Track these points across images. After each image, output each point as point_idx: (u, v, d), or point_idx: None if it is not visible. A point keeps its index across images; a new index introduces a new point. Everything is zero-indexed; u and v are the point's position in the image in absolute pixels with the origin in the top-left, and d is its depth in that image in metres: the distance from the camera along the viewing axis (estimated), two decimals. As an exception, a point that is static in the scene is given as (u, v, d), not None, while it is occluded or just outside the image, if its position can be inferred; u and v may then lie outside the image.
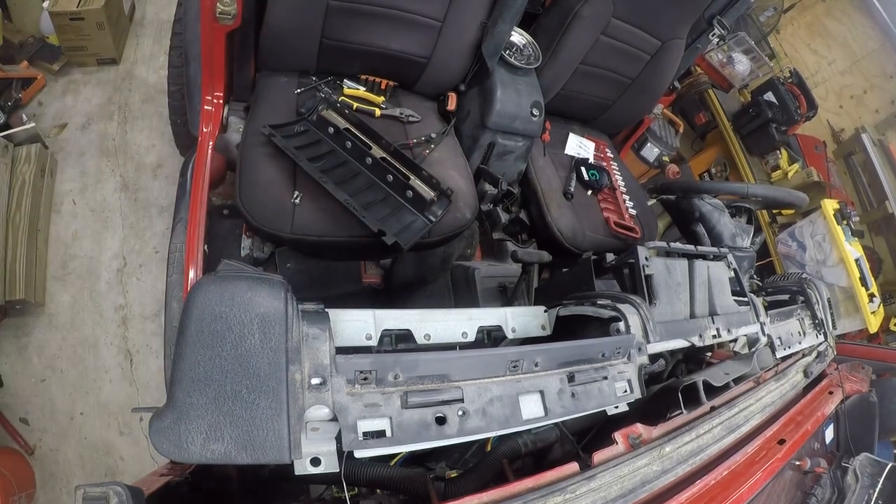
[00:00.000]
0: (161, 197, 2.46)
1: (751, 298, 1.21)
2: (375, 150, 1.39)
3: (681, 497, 0.74)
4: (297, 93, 1.57)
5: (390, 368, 0.63)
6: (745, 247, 1.62)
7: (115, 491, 0.55)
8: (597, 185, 1.97)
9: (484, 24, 1.63)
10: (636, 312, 0.91)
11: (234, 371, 0.55)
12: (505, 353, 0.72)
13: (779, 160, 3.28)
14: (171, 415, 0.53)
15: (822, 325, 1.41)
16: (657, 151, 3.07)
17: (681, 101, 3.58)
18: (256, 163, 1.35)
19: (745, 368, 1.02)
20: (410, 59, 1.65)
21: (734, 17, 2.07)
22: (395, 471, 0.79)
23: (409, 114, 1.67)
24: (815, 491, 1.10)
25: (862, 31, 3.87)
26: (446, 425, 0.63)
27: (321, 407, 0.57)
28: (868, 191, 3.59)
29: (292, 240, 1.30)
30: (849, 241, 2.75)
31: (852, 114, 3.93)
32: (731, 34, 3.55)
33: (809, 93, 3.37)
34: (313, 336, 0.60)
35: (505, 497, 0.62)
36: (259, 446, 0.53)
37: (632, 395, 0.85)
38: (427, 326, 0.82)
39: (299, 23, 1.48)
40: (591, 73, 1.97)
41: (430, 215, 1.35)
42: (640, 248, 1.02)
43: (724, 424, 0.94)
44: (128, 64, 2.74)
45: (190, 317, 0.56)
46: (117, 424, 2.13)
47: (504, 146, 1.74)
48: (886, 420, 1.42)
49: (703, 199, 1.64)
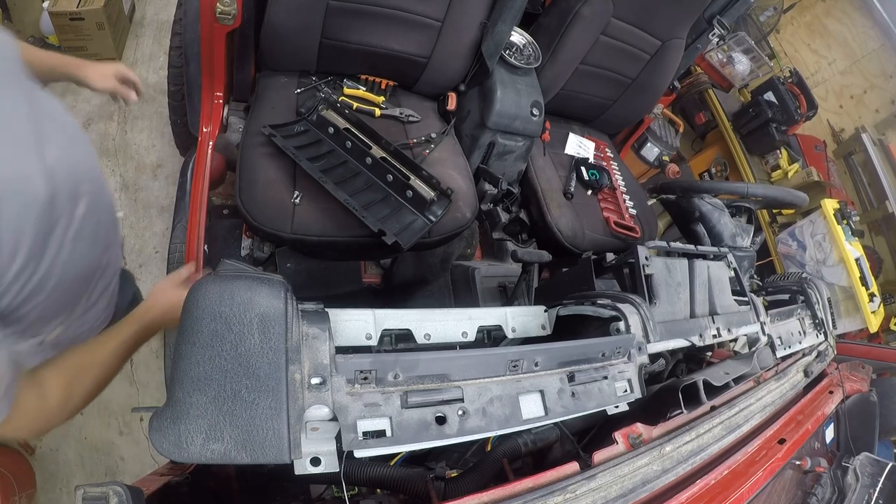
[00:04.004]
0: (161, 197, 2.46)
1: (751, 298, 1.21)
2: (375, 149, 1.39)
3: (681, 497, 0.74)
4: (297, 93, 1.57)
5: (390, 368, 0.63)
6: (746, 246, 1.62)
7: (115, 491, 0.55)
8: (597, 184, 1.97)
9: (484, 24, 1.63)
10: (636, 312, 0.91)
11: (233, 371, 0.55)
12: (505, 353, 0.72)
13: (779, 160, 3.28)
14: (171, 414, 0.53)
15: (822, 325, 1.41)
16: (657, 151, 3.07)
17: (681, 100, 3.58)
18: (256, 163, 1.35)
19: (746, 368, 1.02)
20: (410, 59, 1.65)
21: (734, 17, 2.07)
22: (395, 470, 0.79)
23: (409, 114, 1.67)
24: (815, 490, 1.10)
25: (862, 31, 3.87)
26: (446, 425, 0.63)
27: (321, 407, 0.57)
28: (868, 190, 3.59)
29: (292, 240, 1.30)
30: (849, 240, 2.75)
31: (852, 114, 3.93)
32: (731, 34, 3.55)
33: (809, 92, 3.37)
34: (313, 336, 0.60)
35: (505, 497, 0.62)
36: (259, 446, 0.53)
37: (632, 394, 0.84)
38: (427, 326, 0.82)
39: (299, 23, 1.48)
40: (591, 72, 1.97)
41: (430, 215, 1.35)
42: (640, 248, 1.02)
43: (725, 424, 0.94)
44: (128, 64, 2.73)
45: (190, 316, 0.56)
46: (117, 424, 2.13)
47: (504, 146, 1.74)
48: (886, 420, 1.42)
49: (703, 198, 1.64)
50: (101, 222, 0.85)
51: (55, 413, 0.76)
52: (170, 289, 1.00)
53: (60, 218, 0.70)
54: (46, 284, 0.70)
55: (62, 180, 0.70)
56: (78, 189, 0.75)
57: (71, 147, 0.78)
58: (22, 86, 0.73)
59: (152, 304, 0.96)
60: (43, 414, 0.75)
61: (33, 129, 0.68)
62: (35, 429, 0.77)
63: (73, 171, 0.74)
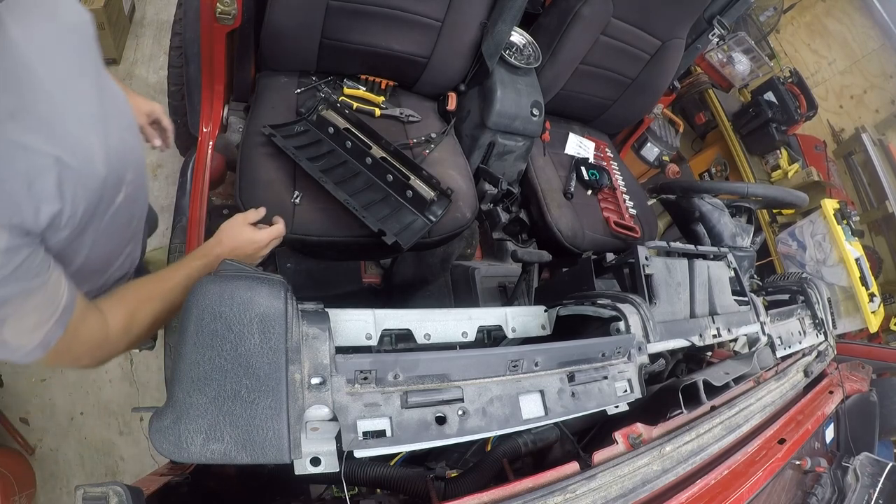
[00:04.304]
0: (161, 197, 2.46)
1: (751, 298, 1.21)
2: (375, 149, 1.39)
3: (681, 497, 0.74)
4: (297, 93, 1.57)
5: (390, 368, 0.63)
6: (746, 246, 1.62)
7: (115, 491, 0.55)
8: (597, 184, 1.97)
9: (484, 24, 1.63)
10: (636, 312, 0.91)
11: (233, 371, 0.55)
12: (505, 353, 0.72)
13: (779, 160, 3.28)
14: (171, 414, 0.53)
15: (822, 325, 1.41)
16: (657, 151, 3.07)
17: (681, 100, 3.58)
18: (256, 163, 1.35)
19: (746, 368, 1.02)
20: (410, 59, 1.65)
21: (734, 17, 2.07)
22: (395, 470, 0.79)
23: (409, 114, 1.67)
24: (815, 490, 1.10)
25: (862, 31, 3.87)
26: (446, 425, 0.63)
27: (321, 407, 0.57)
28: (868, 190, 3.59)
29: (292, 240, 1.30)
30: (849, 240, 2.75)
31: (852, 114, 3.93)
32: (731, 34, 3.55)
33: (809, 92, 3.37)
34: (313, 336, 0.60)
35: (505, 497, 0.62)
36: (259, 446, 0.53)
37: (632, 394, 0.85)
38: (427, 326, 0.82)
39: (299, 23, 1.48)
40: (591, 72, 1.97)
41: (430, 215, 1.35)
42: (641, 248, 1.02)
43: (725, 424, 0.94)
44: (128, 64, 2.74)
45: (190, 316, 0.56)
46: (117, 424, 2.13)
47: (504, 146, 1.74)
48: (886, 420, 1.42)
49: (703, 198, 1.64)
50: (133, 215, 0.86)
51: (116, 341, 0.77)
52: (239, 226, 1.02)
53: (102, 202, 0.72)
54: (73, 260, 0.72)
55: (114, 165, 0.72)
56: (123, 177, 0.76)
57: (125, 134, 0.80)
58: (96, 67, 0.75)
59: (222, 238, 0.98)
60: (104, 342, 0.75)
61: (101, 112, 0.71)
62: (95, 356, 0.77)
63: (122, 159, 0.75)
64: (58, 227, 0.63)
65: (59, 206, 0.61)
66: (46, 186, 0.59)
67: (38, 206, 0.58)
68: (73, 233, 0.66)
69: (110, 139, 0.71)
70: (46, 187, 0.59)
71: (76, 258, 0.72)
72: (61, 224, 0.63)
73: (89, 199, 0.67)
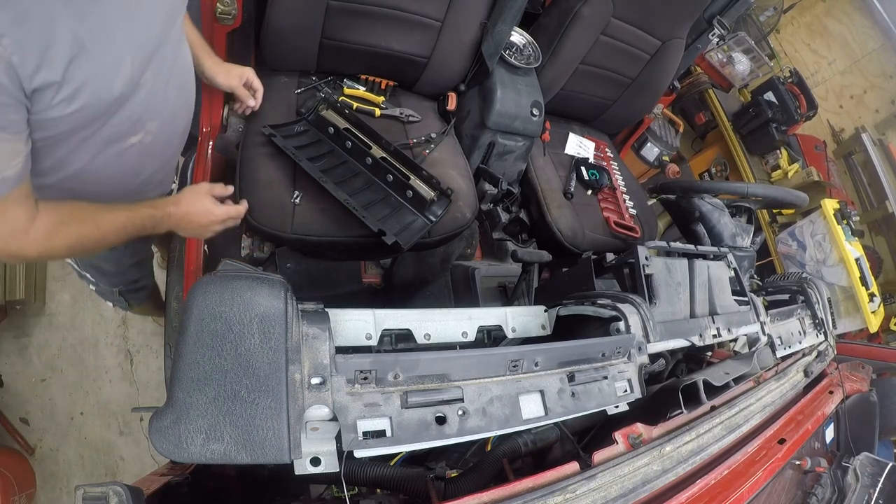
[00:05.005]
0: (161, 197, 2.46)
1: (751, 298, 1.21)
2: (375, 149, 1.39)
3: (681, 497, 0.74)
4: (297, 93, 1.57)
5: (390, 368, 0.63)
6: (745, 246, 1.62)
7: (115, 491, 0.55)
8: (597, 184, 1.97)
9: (484, 24, 1.63)
10: (636, 312, 0.91)
11: (233, 371, 0.55)
12: (505, 353, 0.72)
13: (779, 160, 3.28)
14: (171, 415, 0.53)
15: (822, 325, 1.41)
16: (657, 151, 3.07)
17: (681, 100, 3.58)
18: (256, 163, 1.35)
19: (746, 368, 1.02)
20: (410, 59, 1.65)
21: (734, 17, 2.07)
22: (395, 470, 0.79)
23: (409, 114, 1.67)
24: (815, 490, 1.10)
25: (862, 31, 3.87)
26: (446, 425, 0.63)
27: (321, 407, 0.57)
28: (868, 190, 3.59)
29: (292, 240, 1.30)
30: (849, 240, 2.75)
31: (852, 114, 3.93)
32: (731, 34, 3.55)
33: (809, 92, 3.37)
34: (313, 336, 0.60)
35: (505, 497, 0.62)
36: (259, 446, 0.53)
37: (632, 394, 0.84)
38: (427, 326, 0.82)
39: (299, 23, 1.48)
40: (591, 72, 1.97)
41: (430, 215, 1.35)
42: (640, 248, 1.02)
43: (725, 424, 0.94)
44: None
45: (190, 316, 0.56)
46: (117, 424, 2.13)
47: (504, 146, 1.74)
48: (886, 419, 1.42)
49: (703, 198, 1.64)
50: (144, 168, 0.96)
51: (33, 241, 0.77)
52: (201, 194, 1.03)
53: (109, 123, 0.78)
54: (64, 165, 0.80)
55: (134, 98, 0.78)
56: (143, 119, 0.84)
57: (166, 88, 0.87)
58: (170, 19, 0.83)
59: (180, 199, 0.99)
60: (22, 235, 0.76)
61: (150, 50, 0.78)
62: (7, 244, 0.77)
63: (150, 103, 0.83)
64: (48, 103, 0.67)
65: (58, 80, 0.66)
66: (58, 57, 0.65)
67: (41, 65, 0.63)
68: (63, 124, 0.70)
69: (145, 76, 0.77)
70: (57, 58, 0.65)
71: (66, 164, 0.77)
72: (52, 100, 0.67)
73: (92, 103, 0.71)
